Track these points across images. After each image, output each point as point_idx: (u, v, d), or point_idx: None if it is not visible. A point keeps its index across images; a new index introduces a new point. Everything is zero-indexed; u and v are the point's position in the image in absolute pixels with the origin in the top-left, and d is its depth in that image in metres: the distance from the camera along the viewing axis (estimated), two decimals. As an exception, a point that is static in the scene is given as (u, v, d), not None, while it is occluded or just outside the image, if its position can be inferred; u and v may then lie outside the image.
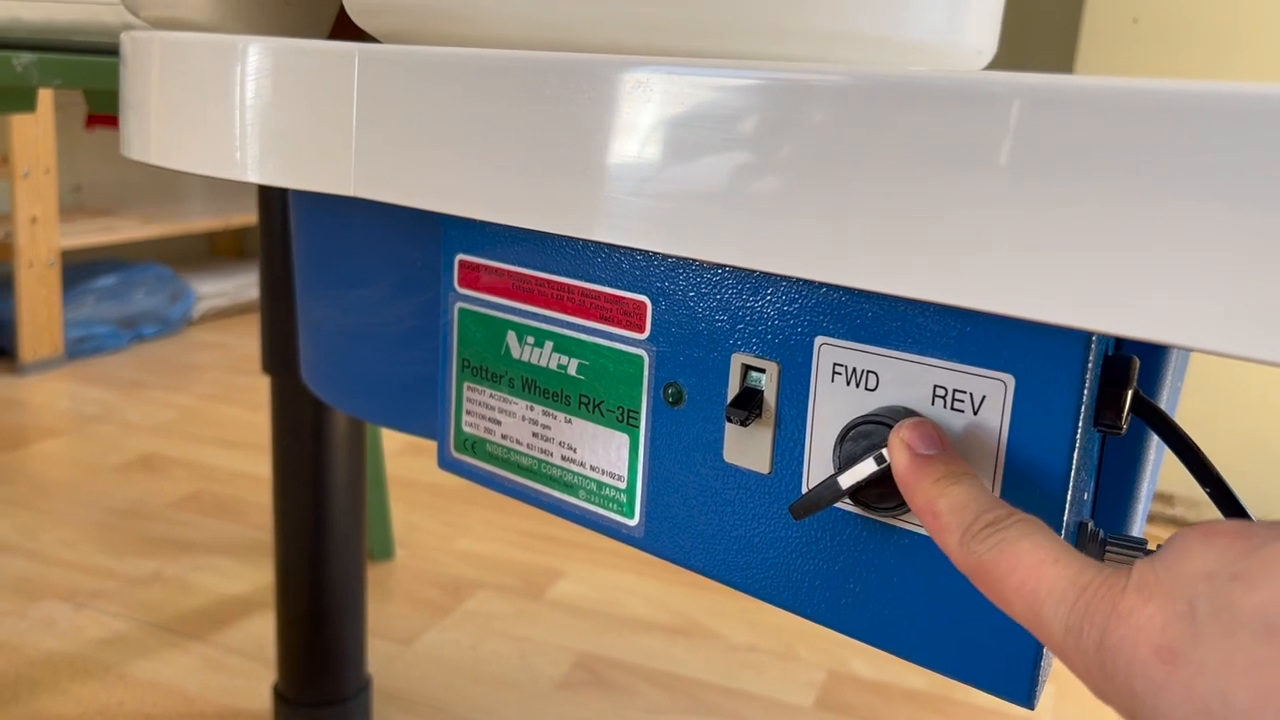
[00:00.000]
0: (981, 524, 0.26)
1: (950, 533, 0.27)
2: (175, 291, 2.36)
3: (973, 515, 0.26)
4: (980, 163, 0.26)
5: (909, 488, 0.29)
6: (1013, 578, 0.24)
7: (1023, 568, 0.24)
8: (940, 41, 0.44)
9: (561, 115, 0.35)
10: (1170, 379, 0.38)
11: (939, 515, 0.27)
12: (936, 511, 0.27)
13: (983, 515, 0.26)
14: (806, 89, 0.29)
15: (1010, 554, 0.25)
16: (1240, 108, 0.22)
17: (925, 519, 0.28)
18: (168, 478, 1.58)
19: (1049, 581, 0.24)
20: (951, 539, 0.26)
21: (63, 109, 2.15)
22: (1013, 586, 0.24)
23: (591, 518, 0.41)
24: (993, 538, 0.26)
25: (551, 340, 0.41)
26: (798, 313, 0.34)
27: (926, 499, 0.28)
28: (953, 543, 0.26)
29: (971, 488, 0.27)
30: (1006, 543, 0.25)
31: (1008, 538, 0.25)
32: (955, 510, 0.27)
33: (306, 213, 0.59)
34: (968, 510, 0.27)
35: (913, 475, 0.29)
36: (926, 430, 0.29)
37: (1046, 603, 0.24)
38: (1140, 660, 0.21)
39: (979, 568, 0.25)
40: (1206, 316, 0.23)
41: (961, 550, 0.26)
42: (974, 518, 0.26)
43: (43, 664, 1.09)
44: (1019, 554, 0.25)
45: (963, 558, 0.26)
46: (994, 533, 0.26)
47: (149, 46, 0.48)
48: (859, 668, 1.15)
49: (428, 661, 1.14)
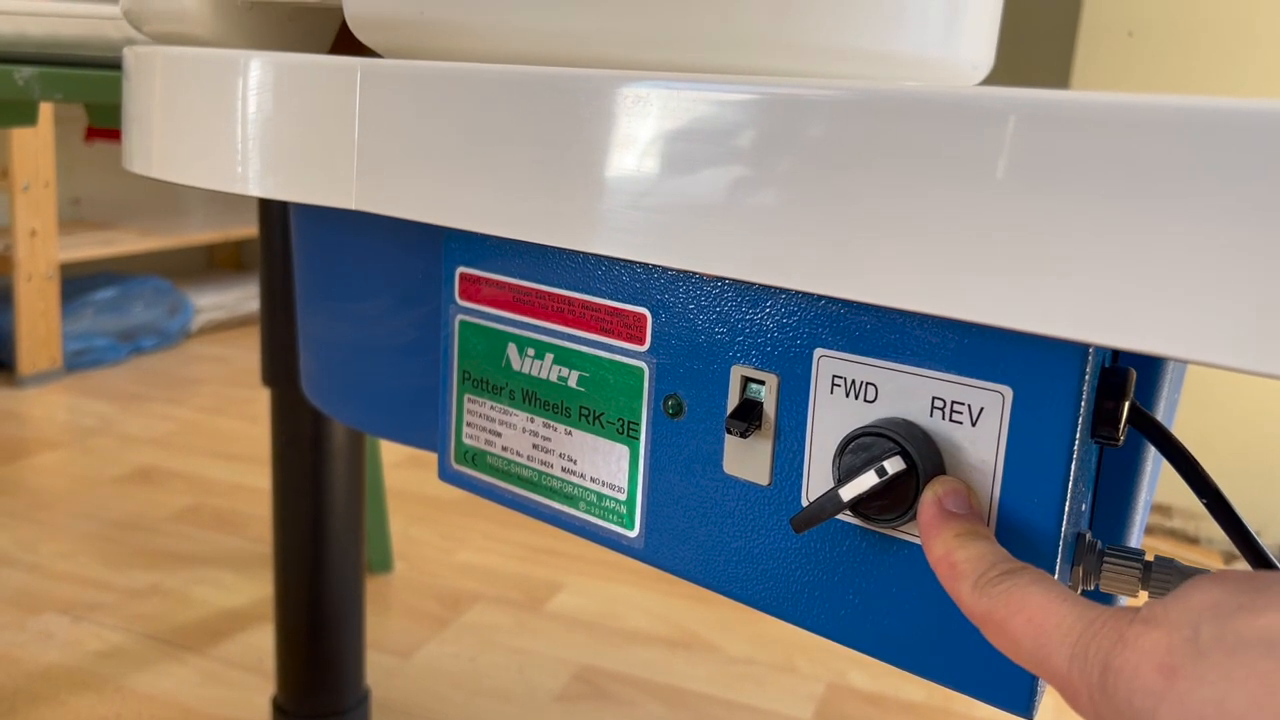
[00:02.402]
0: (996, 571, 0.28)
1: (965, 579, 0.28)
2: (174, 304, 2.36)
3: (988, 564, 0.28)
4: (977, 177, 0.26)
5: (930, 536, 0.30)
6: (1021, 615, 0.26)
7: (1032, 606, 0.26)
8: (937, 56, 0.44)
9: (562, 129, 0.35)
10: (1167, 391, 0.38)
11: (955, 564, 0.29)
12: (954, 561, 0.29)
13: (997, 565, 0.28)
14: (804, 104, 0.29)
15: (1020, 595, 0.26)
16: (1235, 122, 0.23)
17: (941, 567, 0.29)
18: (166, 490, 1.58)
19: (1057, 616, 0.25)
20: (965, 585, 0.28)
21: (62, 123, 2.16)
22: (1021, 624, 0.26)
23: (592, 529, 0.42)
24: (1005, 582, 0.27)
25: (552, 352, 0.41)
26: (797, 325, 0.34)
27: (946, 549, 0.29)
28: (966, 588, 0.28)
29: (990, 545, 0.29)
30: (1018, 586, 0.27)
31: (1019, 582, 0.27)
32: (971, 560, 0.28)
33: (307, 226, 0.60)
34: (983, 560, 0.28)
35: (936, 526, 0.30)
36: (960, 491, 0.31)
37: (1054, 635, 0.25)
38: (1141, 677, 0.22)
39: (990, 609, 0.27)
40: (1203, 329, 0.23)
41: (975, 594, 0.27)
42: (989, 566, 0.28)
43: (41, 677, 1.08)
44: (1029, 595, 0.26)
45: (975, 601, 0.27)
46: (1006, 577, 0.27)
47: (152, 61, 0.48)
48: (857, 680, 1.15)
49: (426, 674, 1.13)
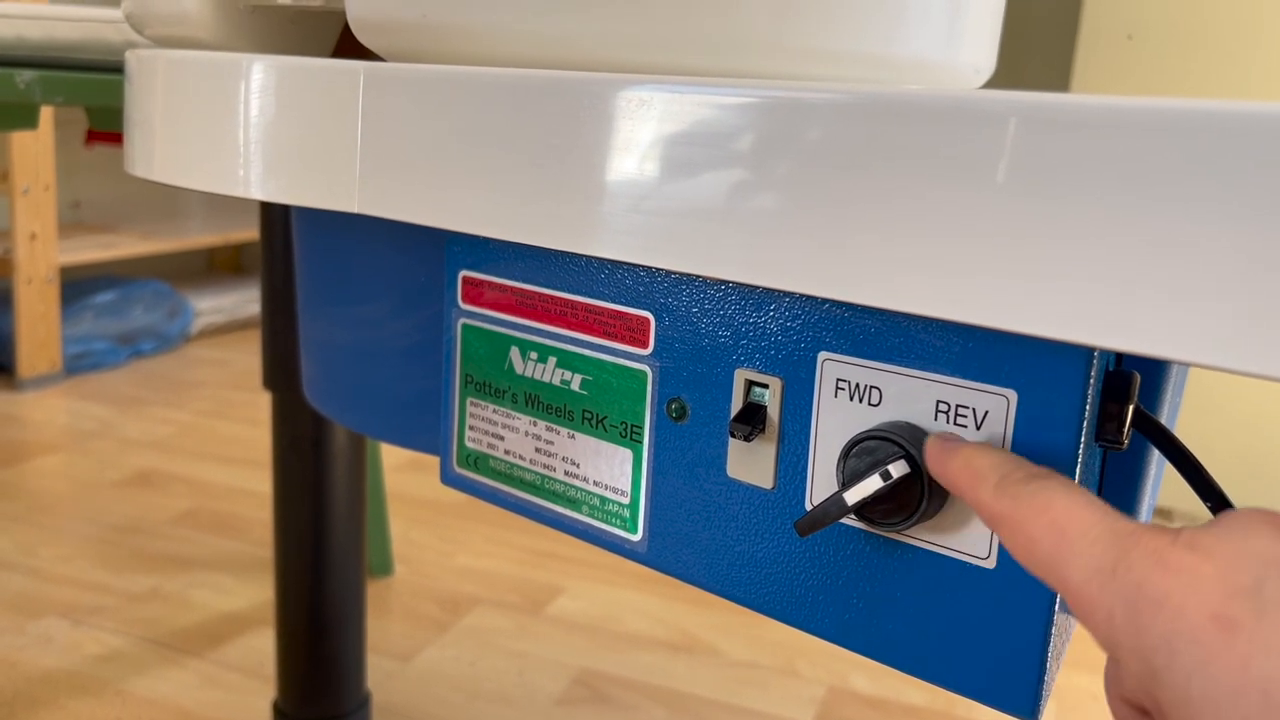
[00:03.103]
0: (1022, 473, 0.26)
1: (985, 481, 0.26)
2: (173, 307, 2.36)
3: (1013, 466, 0.26)
4: (979, 180, 0.26)
5: (948, 454, 0.28)
6: (1045, 517, 0.24)
7: (1057, 507, 0.24)
8: (939, 60, 0.44)
9: (564, 133, 0.35)
10: (1170, 394, 0.38)
11: (977, 469, 0.27)
12: (975, 467, 0.27)
13: (1022, 467, 0.26)
14: (806, 107, 0.30)
15: (1046, 496, 0.24)
16: (1235, 125, 0.23)
17: (961, 476, 0.27)
18: (166, 494, 1.58)
19: (1083, 522, 0.23)
20: (986, 486, 0.26)
21: (62, 126, 2.16)
22: (1043, 525, 0.24)
23: (594, 533, 0.41)
24: (1032, 484, 0.25)
25: (555, 356, 0.41)
26: (800, 328, 0.34)
27: (966, 459, 0.27)
28: (987, 490, 0.26)
29: (1011, 454, 0.27)
30: (1044, 489, 0.25)
31: (1046, 485, 0.25)
32: (995, 465, 0.26)
33: (309, 229, 0.60)
34: (1007, 464, 0.26)
35: (950, 448, 0.28)
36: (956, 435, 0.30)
37: (1078, 541, 0.23)
38: (1189, 620, 0.20)
39: (1013, 509, 0.25)
40: (1206, 332, 0.23)
41: (996, 493, 0.25)
42: (1014, 468, 0.26)
43: (40, 681, 1.08)
44: (1054, 496, 0.24)
45: (995, 500, 0.25)
46: (1033, 479, 0.25)
47: (154, 64, 0.48)
48: (859, 684, 1.15)
49: (427, 678, 1.13)
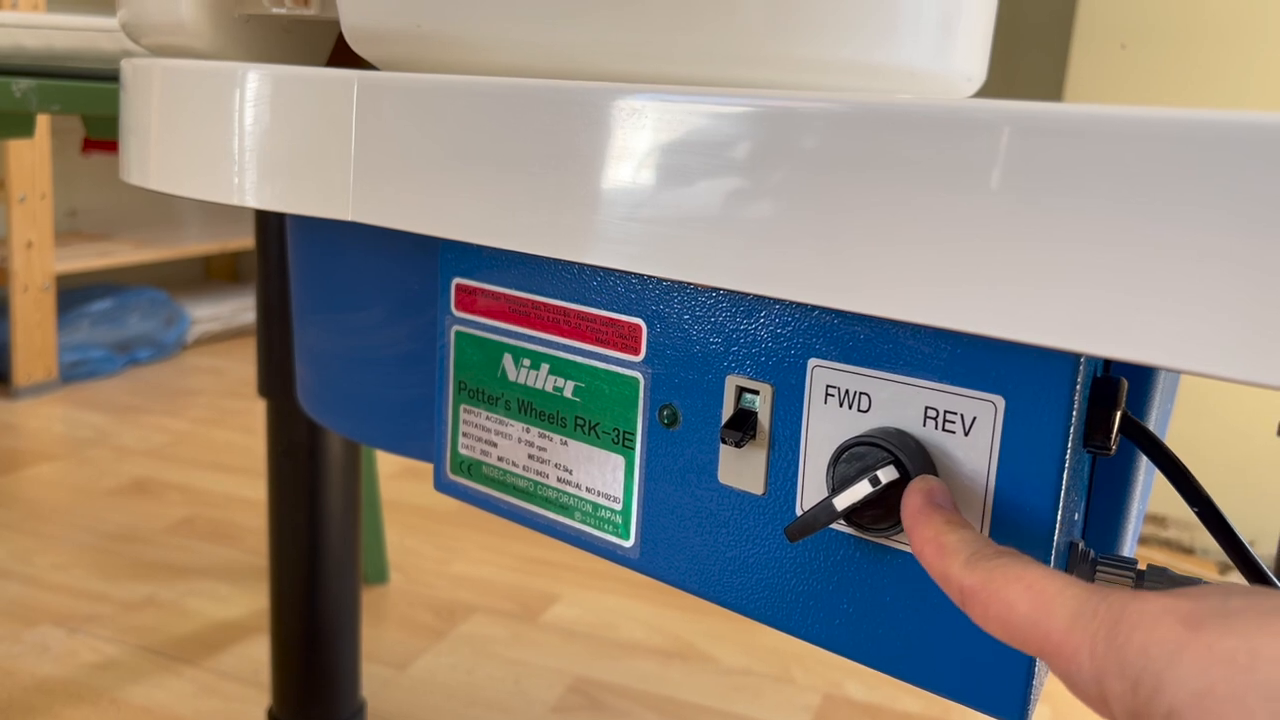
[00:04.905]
0: (990, 550, 0.27)
1: (956, 556, 0.27)
2: (170, 316, 2.36)
3: (980, 544, 0.28)
4: (970, 188, 0.27)
5: (918, 523, 0.29)
6: (1020, 582, 0.25)
7: (1031, 575, 0.25)
8: (930, 68, 0.44)
9: (557, 141, 0.35)
10: (1159, 401, 0.39)
11: (945, 545, 0.28)
12: (944, 542, 0.28)
13: (990, 545, 0.28)
14: (798, 116, 0.30)
15: (1019, 568, 0.26)
16: (1225, 134, 0.23)
17: (929, 549, 0.29)
18: (162, 502, 1.58)
19: (1059, 584, 0.24)
20: (956, 561, 0.27)
21: (59, 134, 2.16)
22: (1019, 590, 0.25)
23: (587, 539, 0.42)
24: (1003, 558, 0.26)
25: (548, 363, 0.42)
26: (791, 335, 0.35)
27: (935, 532, 0.29)
28: (957, 564, 0.27)
29: (979, 534, 0.29)
30: (1016, 562, 0.26)
31: (1018, 559, 0.26)
32: (964, 541, 0.28)
33: (304, 237, 0.60)
34: (976, 542, 0.28)
35: (925, 514, 0.30)
36: (946, 490, 0.31)
37: (1056, 597, 0.24)
38: (1162, 629, 0.21)
39: (986, 579, 0.26)
40: (1194, 339, 0.24)
41: (968, 568, 0.27)
42: (982, 545, 0.28)
43: (36, 689, 1.08)
44: (1027, 567, 0.26)
45: (967, 574, 0.27)
46: (1002, 555, 0.27)
47: (149, 73, 0.48)
48: (853, 690, 1.15)
49: (422, 685, 1.13)
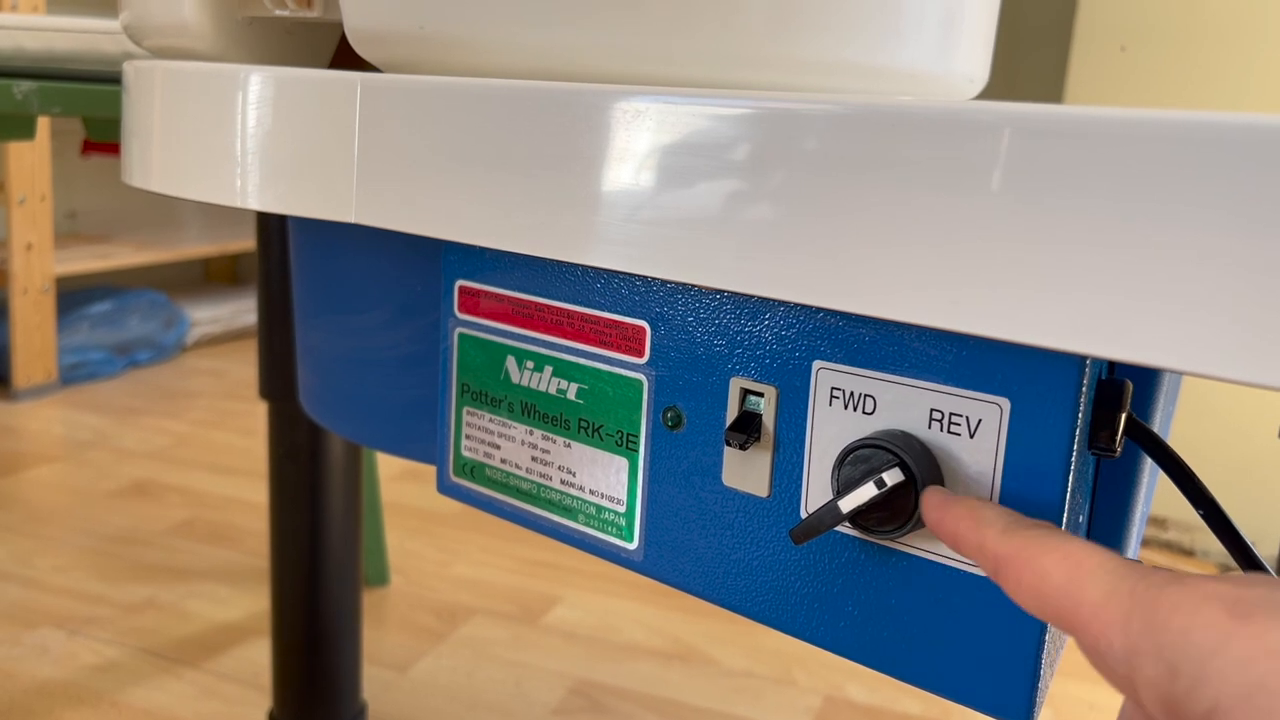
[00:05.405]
0: (1028, 521, 0.27)
1: (992, 526, 0.27)
2: (169, 318, 2.36)
3: (1018, 516, 0.27)
4: (973, 190, 0.27)
5: (950, 504, 0.29)
6: (1057, 551, 0.25)
7: (1069, 546, 0.25)
8: (932, 70, 0.44)
9: (560, 143, 0.35)
10: (1163, 403, 0.39)
11: (981, 517, 0.28)
12: (980, 515, 0.28)
13: (1027, 518, 0.27)
14: (800, 118, 0.30)
15: (1056, 538, 0.25)
16: (1227, 136, 0.23)
17: (964, 524, 0.28)
18: (162, 504, 1.58)
19: (1097, 555, 0.24)
20: (993, 530, 0.27)
21: (59, 136, 2.16)
22: (1055, 559, 0.25)
23: (590, 542, 0.42)
24: (1040, 528, 0.26)
25: (551, 365, 0.42)
26: (795, 337, 0.35)
27: (969, 509, 0.28)
28: (993, 533, 0.27)
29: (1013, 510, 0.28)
30: (1053, 533, 0.26)
31: (1054, 530, 0.26)
32: (1000, 514, 0.28)
33: (306, 239, 0.60)
34: (1012, 514, 0.28)
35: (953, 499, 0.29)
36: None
37: (1095, 570, 0.24)
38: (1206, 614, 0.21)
39: (1021, 548, 0.26)
40: (1198, 341, 0.24)
41: (1003, 536, 0.27)
42: (1020, 517, 0.27)
43: (36, 692, 1.08)
44: (1064, 538, 0.25)
45: (1002, 542, 0.26)
46: (1038, 525, 0.26)
47: (151, 75, 0.48)
48: (855, 693, 1.15)
49: (423, 688, 1.13)
